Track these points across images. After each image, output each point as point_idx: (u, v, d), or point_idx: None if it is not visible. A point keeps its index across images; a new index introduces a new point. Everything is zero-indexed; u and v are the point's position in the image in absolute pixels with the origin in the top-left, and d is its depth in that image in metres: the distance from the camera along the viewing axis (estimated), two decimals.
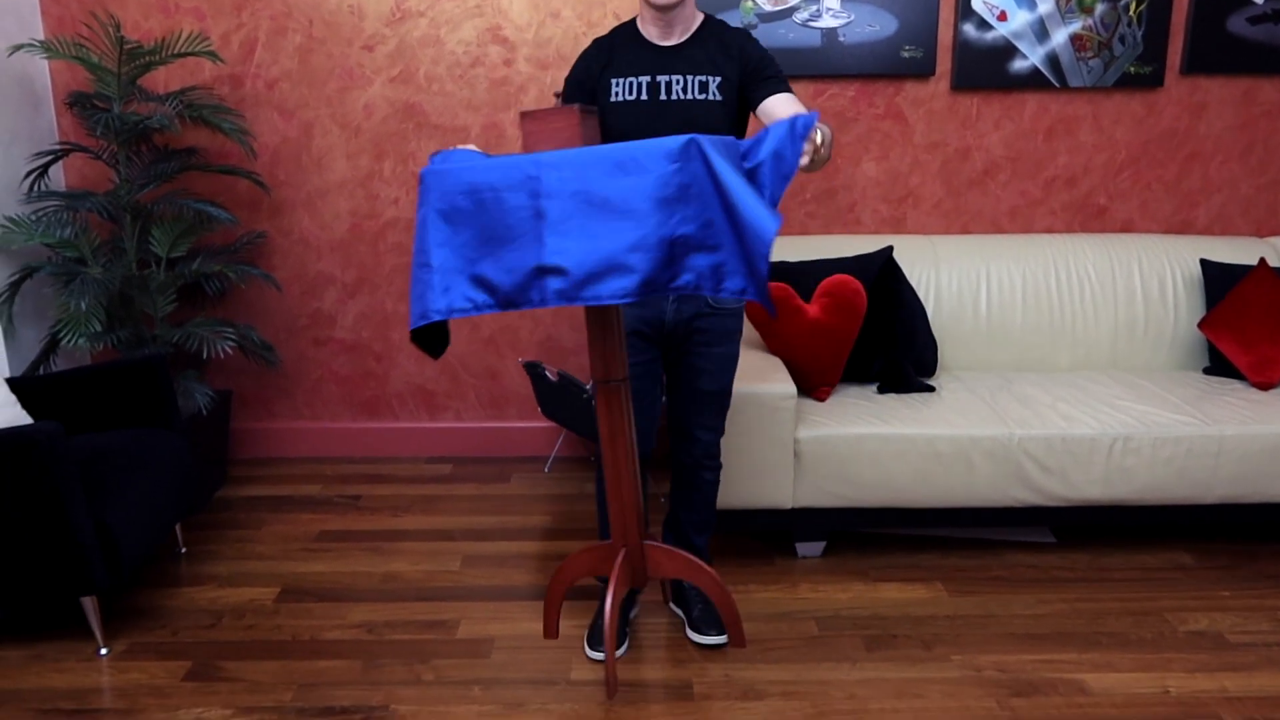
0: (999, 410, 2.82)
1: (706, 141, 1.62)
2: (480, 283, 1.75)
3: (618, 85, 2.13)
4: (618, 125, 2.14)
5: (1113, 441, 2.70)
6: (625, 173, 1.63)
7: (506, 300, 1.73)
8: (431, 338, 1.91)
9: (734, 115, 2.14)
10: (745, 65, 2.12)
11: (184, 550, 2.94)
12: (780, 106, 2.10)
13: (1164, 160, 3.43)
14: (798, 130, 1.68)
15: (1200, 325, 3.15)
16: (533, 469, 3.55)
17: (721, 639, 2.37)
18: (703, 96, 2.09)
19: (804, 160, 1.73)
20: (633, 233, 1.64)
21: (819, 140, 1.75)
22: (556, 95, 2.21)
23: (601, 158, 1.65)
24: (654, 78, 2.10)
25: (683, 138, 1.61)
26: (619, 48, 2.16)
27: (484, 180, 1.72)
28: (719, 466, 2.40)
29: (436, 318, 1.76)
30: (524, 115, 1.82)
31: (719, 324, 2.23)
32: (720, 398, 2.31)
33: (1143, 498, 2.75)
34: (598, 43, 2.20)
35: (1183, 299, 3.23)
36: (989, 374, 3.17)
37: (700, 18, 2.17)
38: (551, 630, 2.33)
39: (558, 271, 1.68)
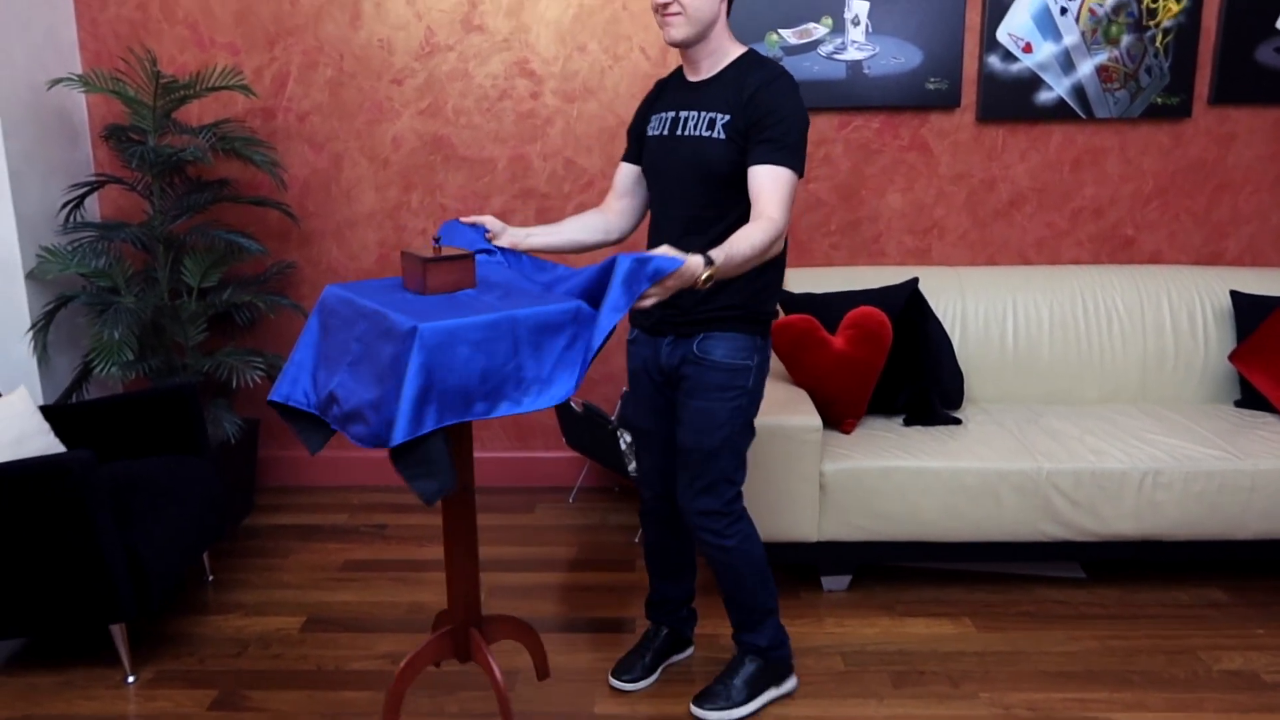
0: (1027, 443, 2.79)
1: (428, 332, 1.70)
2: (313, 383, 1.95)
3: (653, 121, 2.15)
4: (647, 159, 2.16)
5: (1143, 476, 2.67)
6: (388, 340, 1.76)
7: (319, 407, 1.93)
8: (307, 426, 1.98)
9: (738, 156, 2.01)
10: (749, 115, 1.98)
11: (211, 578, 2.96)
12: (756, 181, 1.95)
13: (1192, 191, 3.41)
14: (645, 271, 1.73)
15: (1231, 357, 3.11)
16: (557, 499, 3.56)
17: (681, 656, 2.47)
18: (709, 134, 2.03)
19: (646, 302, 1.77)
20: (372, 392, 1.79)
21: (670, 284, 1.76)
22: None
23: (374, 325, 1.81)
24: (677, 113, 2.10)
25: (410, 328, 1.70)
26: (667, 85, 2.18)
27: (348, 310, 1.91)
28: (722, 537, 2.15)
29: (278, 400, 1.94)
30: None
31: (696, 373, 2.09)
32: (696, 458, 2.11)
33: (1174, 533, 2.71)
34: (656, 83, 2.24)
35: (1213, 331, 3.20)
36: (1016, 406, 3.15)
37: (735, 54, 2.06)
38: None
39: (334, 400, 1.86)
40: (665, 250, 1.79)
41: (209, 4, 3.34)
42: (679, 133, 2.08)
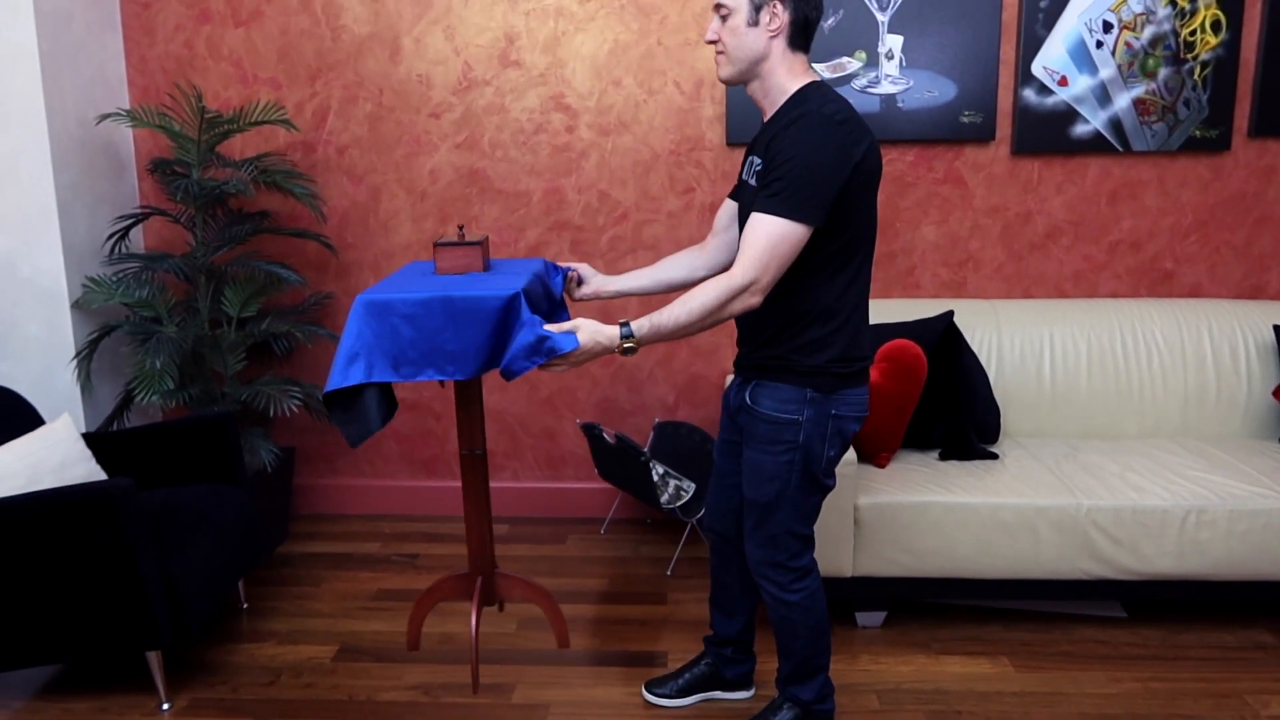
0: (1065, 479, 2.75)
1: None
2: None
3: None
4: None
5: (1185, 513, 2.62)
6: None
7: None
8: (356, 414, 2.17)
9: None
10: (768, 160, 1.91)
11: (245, 606, 2.97)
12: (746, 230, 1.90)
13: (1233, 224, 3.37)
14: (540, 347, 1.93)
15: (1275, 393, 3.06)
16: (589, 530, 3.55)
17: (734, 695, 2.46)
18: (749, 180, 2.02)
19: (557, 369, 1.97)
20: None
21: (563, 366, 1.95)
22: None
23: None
24: (747, 156, 2.07)
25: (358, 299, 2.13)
26: None
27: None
28: (785, 591, 2.10)
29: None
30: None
31: (749, 423, 2.07)
32: (755, 508, 2.08)
33: (1218, 573, 2.65)
34: None
35: (1255, 366, 3.15)
36: (1054, 441, 3.11)
37: (790, 93, 1.95)
38: (414, 644, 2.66)
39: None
40: (573, 326, 1.94)
41: (253, 41, 3.41)
42: (744, 177, 2.08)
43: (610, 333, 1.93)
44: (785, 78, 1.96)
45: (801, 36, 1.95)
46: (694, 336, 3.49)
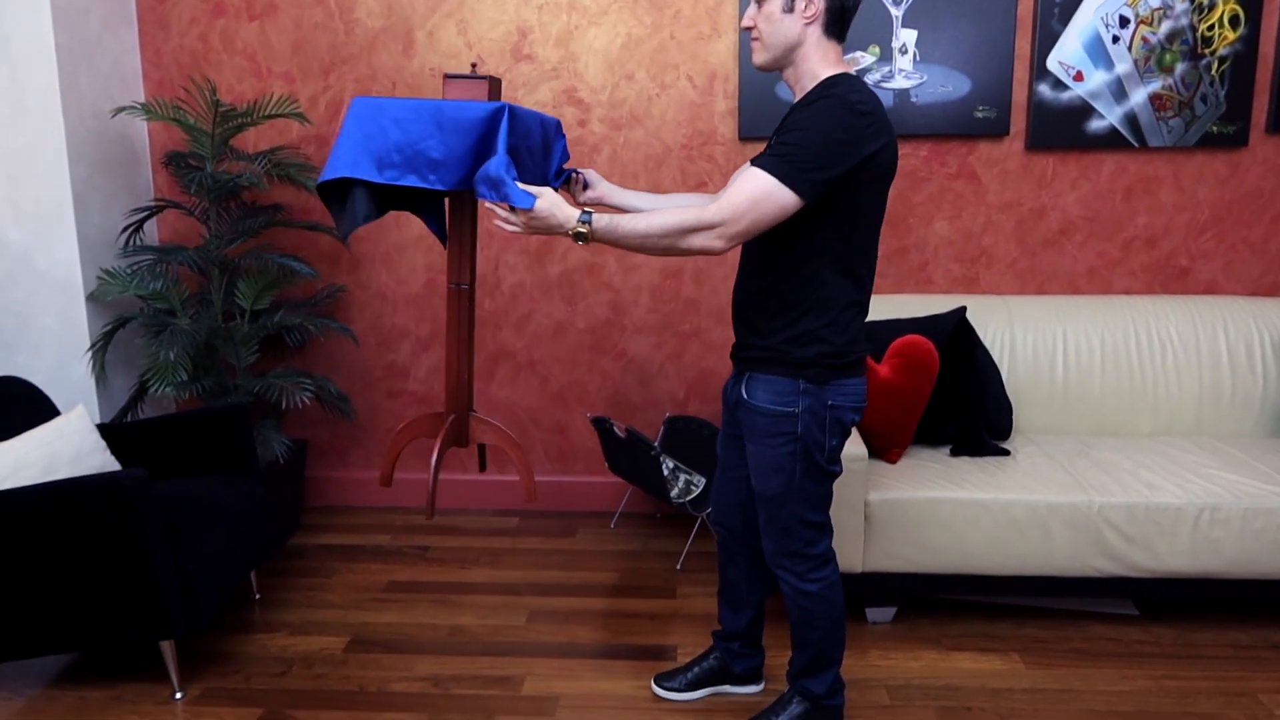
0: (1078, 476, 2.74)
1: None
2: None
3: None
4: None
5: (1199, 511, 2.60)
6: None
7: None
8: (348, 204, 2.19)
9: None
10: (780, 128, 1.96)
11: (258, 596, 2.99)
12: (738, 176, 1.96)
13: (1249, 221, 3.34)
14: (499, 189, 2.00)
15: None
16: (599, 524, 3.55)
17: (743, 689, 2.44)
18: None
19: (509, 228, 2.02)
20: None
21: (515, 224, 2.00)
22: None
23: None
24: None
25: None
26: None
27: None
28: (804, 581, 2.10)
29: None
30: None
31: (747, 418, 2.07)
32: (765, 502, 2.09)
33: (1232, 571, 2.63)
34: None
35: (1271, 364, 3.12)
36: (1066, 438, 3.09)
37: (820, 78, 1.95)
38: (386, 479, 2.58)
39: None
40: (539, 192, 1.95)
41: (267, 35, 3.43)
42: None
43: (570, 213, 1.93)
44: (819, 64, 1.95)
45: (837, 24, 1.95)
46: (706, 332, 3.49)
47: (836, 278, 1.96)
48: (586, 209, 1.94)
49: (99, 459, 2.60)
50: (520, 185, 1.98)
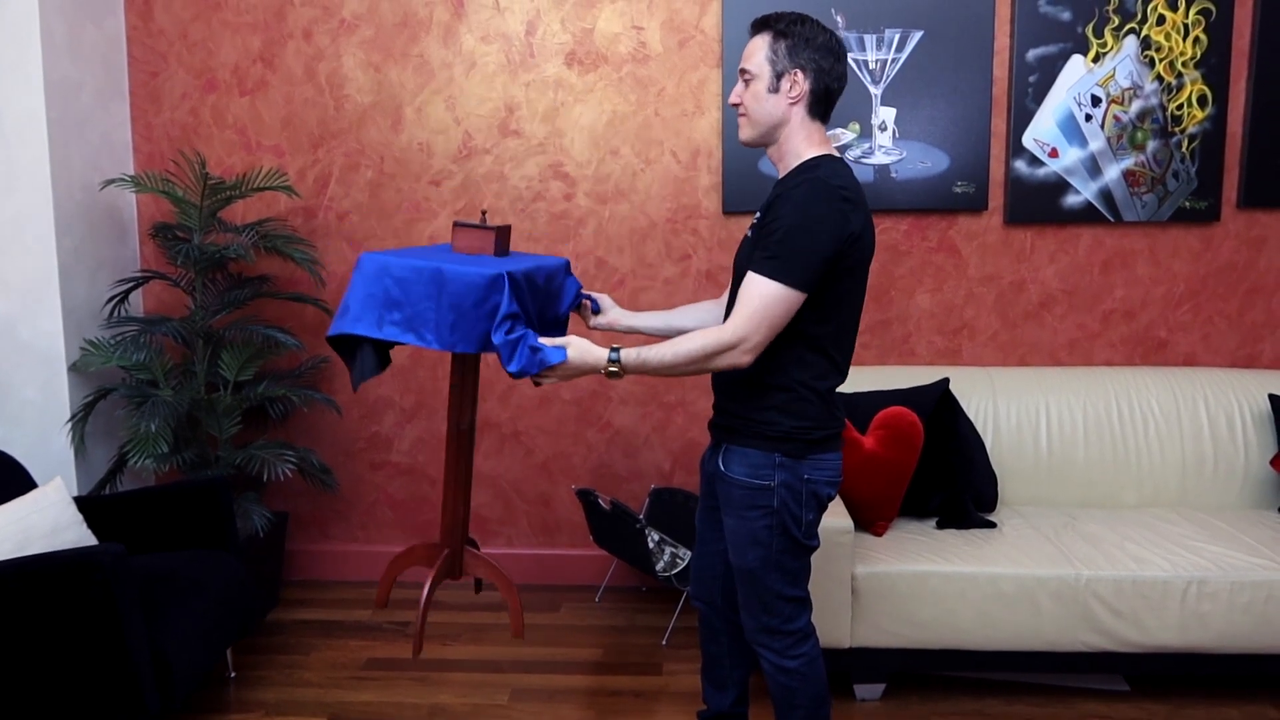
0: (1064, 549, 2.73)
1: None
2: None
3: None
4: None
5: (1187, 585, 2.59)
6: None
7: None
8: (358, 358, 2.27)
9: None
10: (765, 218, 1.97)
11: (233, 674, 2.92)
12: (741, 288, 1.94)
13: (1225, 294, 3.40)
14: (534, 360, 2.02)
15: (1273, 462, 3.05)
16: (583, 598, 3.50)
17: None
18: (748, 232, 2.06)
19: (545, 382, 2.08)
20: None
21: (552, 379, 2.05)
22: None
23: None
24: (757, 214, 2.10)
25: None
26: None
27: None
28: (783, 658, 2.08)
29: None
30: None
31: (724, 490, 2.07)
32: (743, 575, 2.07)
33: (1221, 646, 2.62)
34: None
35: (1252, 435, 3.14)
36: (1052, 510, 3.09)
37: (803, 159, 2.00)
38: (382, 602, 2.63)
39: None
40: (565, 342, 2.01)
41: (258, 110, 3.48)
42: (748, 231, 2.11)
43: (599, 355, 1.99)
44: (802, 144, 2.01)
45: (821, 106, 2.01)
46: (691, 404, 3.49)
47: (814, 356, 1.99)
48: (615, 346, 1.99)
49: (75, 533, 2.56)
50: (544, 340, 2.04)
